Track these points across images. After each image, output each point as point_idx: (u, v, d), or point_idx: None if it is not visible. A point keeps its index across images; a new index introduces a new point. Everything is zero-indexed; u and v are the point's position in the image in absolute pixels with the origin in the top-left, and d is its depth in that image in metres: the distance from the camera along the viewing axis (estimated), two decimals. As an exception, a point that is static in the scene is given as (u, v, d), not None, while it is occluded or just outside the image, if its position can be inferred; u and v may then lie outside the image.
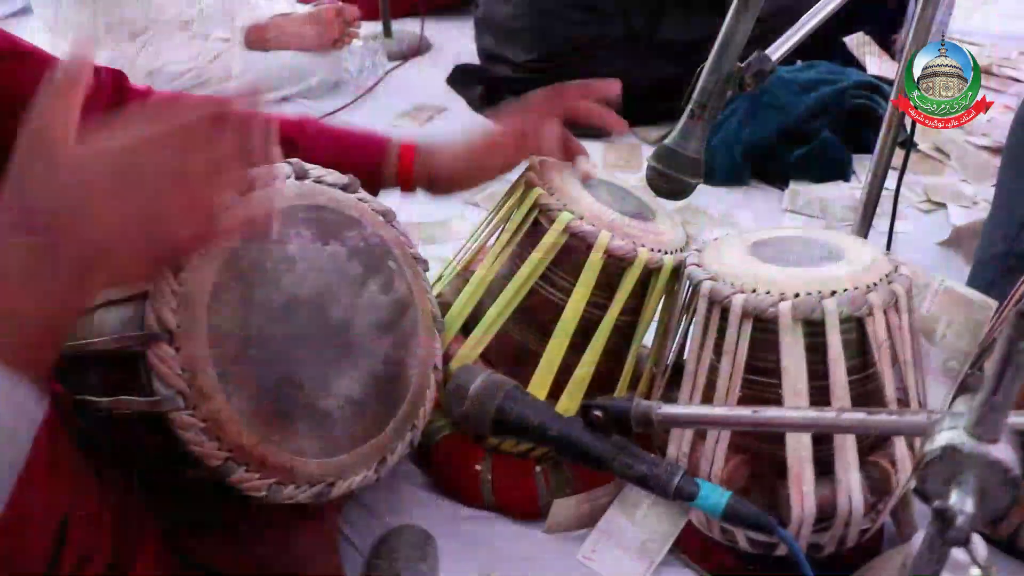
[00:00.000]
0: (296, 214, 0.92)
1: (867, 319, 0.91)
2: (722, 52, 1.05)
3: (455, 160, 1.15)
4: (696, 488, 0.79)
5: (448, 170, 1.15)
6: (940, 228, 1.88)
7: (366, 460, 0.96)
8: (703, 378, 0.99)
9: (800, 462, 0.93)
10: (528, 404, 0.87)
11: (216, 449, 0.84)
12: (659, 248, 1.04)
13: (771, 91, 2.01)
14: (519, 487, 1.16)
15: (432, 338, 1.03)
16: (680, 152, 1.07)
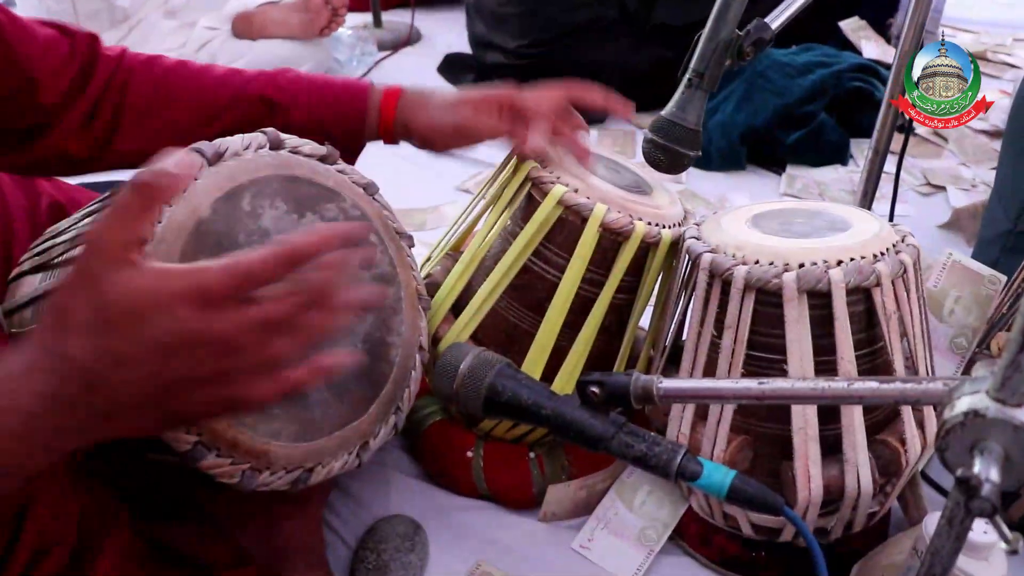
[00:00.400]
0: (271, 185, 0.87)
1: (875, 290, 0.87)
2: (720, 18, 1.01)
3: (438, 114, 1.07)
4: (699, 467, 0.75)
5: (428, 126, 1.07)
6: (940, 211, 1.86)
7: (347, 444, 0.91)
8: (704, 356, 0.94)
9: (806, 441, 0.88)
10: (521, 382, 0.82)
11: (184, 432, 0.79)
12: (657, 222, 1.00)
13: (767, 74, 1.98)
14: (512, 474, 1.12)
15: (417, 316, 0.99)
16: (678, 123, 1.03)
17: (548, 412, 0.80)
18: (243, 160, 0.86)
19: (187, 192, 0.81)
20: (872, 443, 0.91)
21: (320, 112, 1.05)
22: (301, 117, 1.04)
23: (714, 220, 0.98)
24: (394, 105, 1.07)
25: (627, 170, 1.10)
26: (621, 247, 0.99)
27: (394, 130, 1.08)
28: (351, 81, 1.10)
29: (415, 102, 1.08)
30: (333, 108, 1.03)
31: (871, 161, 1.37)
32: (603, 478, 1.09)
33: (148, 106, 1.01)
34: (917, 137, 2.11)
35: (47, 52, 0.97)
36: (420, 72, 2.54)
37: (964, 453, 0.57)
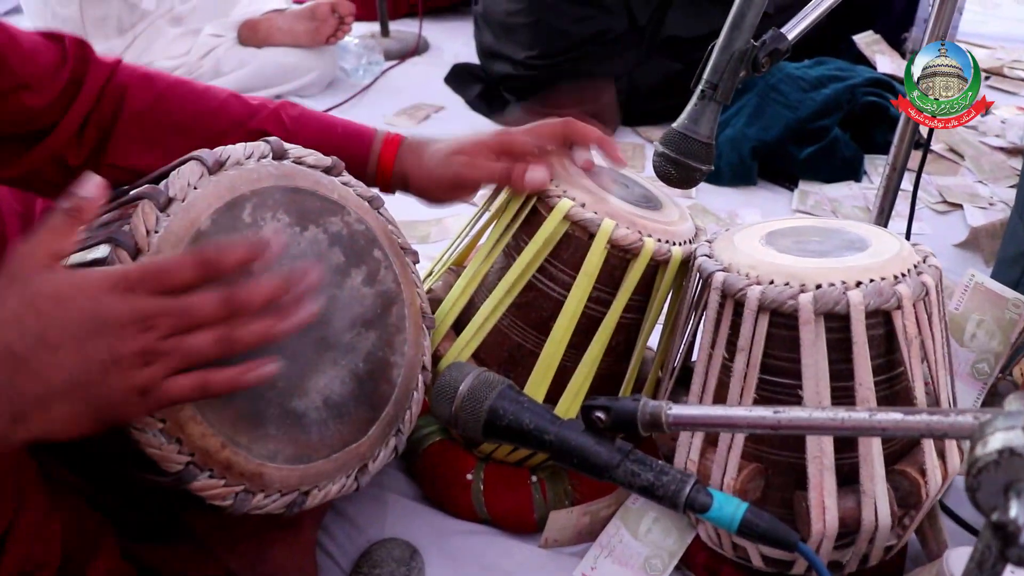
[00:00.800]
0: (273, 197, 0.84)
1: (895, 313, 0.83)
2: (735, 28, 0.98)
3: (438, 161, 1.04)
4: (709, 499, 0.71)
5: (424, 181, 1.05)
6: (956, 229, 1.82)
7: (345, 467, 0.88)
8: (714, 379, 0.90)
9: (821, 471, 0.84)
10: (523, 405, 0.79)
11: (176, 452, 0.77)
12: (667, 239, 0.96)
13: (779, 87, 1.94)
14: (513, 498, 1.08)
15: (421, 335, 0.96)
16: (690, 136, 0.99)
17: (551, 438, 0.76)
18: (245, 170, 0.84)
19: (186, 202, 0.79)
20: (890, 473, 0.87)
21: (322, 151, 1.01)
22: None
23: (726, 237, 0.95)
24: (393, 154, 1.05)
25: (636, 184, 1.07)
26: (630, 265, 0.95)
27: (392, 181, 1.06)
28: (355, 125, 1.08)
29: (413, 152, 1.05)
30: (335, 152, 1.00)
31: (888, 178, 1.33)
32: (607, 504, 1.05)
33: (144, 121, 0.98)
34: (933, 154, 2.08)
35: (35, 55, 0.94)
36: (427, 82, 2.52)
37: (998, 494, 0.53)
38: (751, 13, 0.98)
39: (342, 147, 1.02)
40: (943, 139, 2.12)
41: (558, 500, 1.08)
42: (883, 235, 0.93)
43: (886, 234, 0.94)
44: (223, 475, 0.80)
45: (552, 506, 1.07)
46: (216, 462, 0.79)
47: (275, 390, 0.82)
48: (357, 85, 2.46)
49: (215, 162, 0.82)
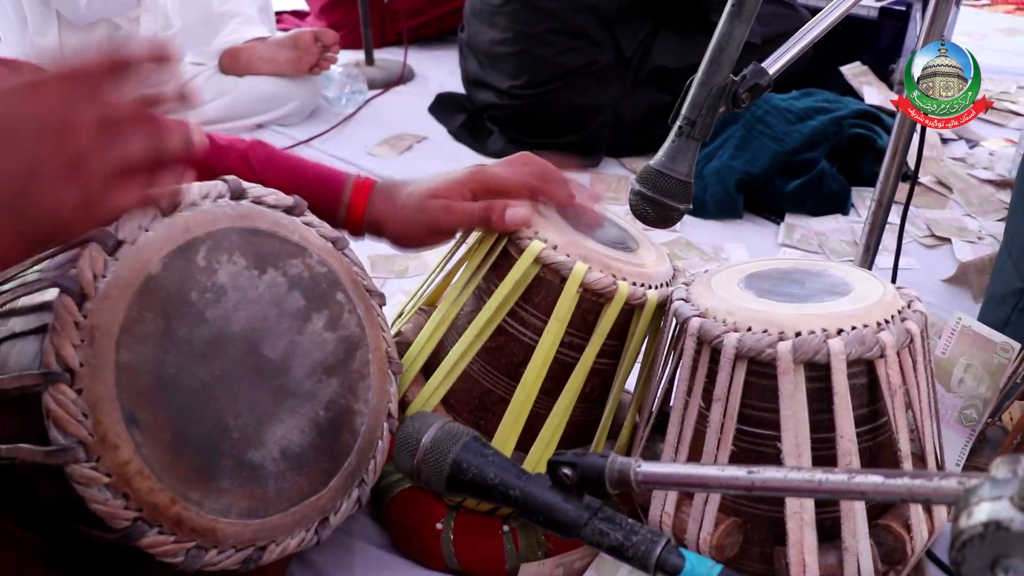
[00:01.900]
0: (229, 239, 0.81)
1: (878, 362, 0.80)
2: (714, 62, 0.95)
3: (407, 217, 1.02)
4: (681, 560, 0.67)
5: (397, 230, 1.04)
6: (945, 264, 1.79)
7: (304, 521, 0.85)
8: (691, 429, 0.87)
9: (801, 526, 0.81)
10: (488, 458, 0.75)
11: (123, 508, 0.74)
12: (642, 282, 0.93)
13: (765, 119, 1.92)
14: (484, 548, 1.04)
15: (386, 381, 0.92)
16: (668, 174, 0.96)
17: (516, 494, 0.72)
18: (200, 210, 0.81)
19: (136, 244, 0.76)
20: (874, 528, 0.84)
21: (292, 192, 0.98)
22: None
23: (704, 280, 0.92)
24: (364, 200, 1.03)
25: (613, 224, 1.04)
26: (603, 309, 0.92)
27: (362, 226, 1.04)
28: (326, 170, 1.06)
29: (386, 198, 1.03)
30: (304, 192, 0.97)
31: (874, 214, 1.31)
32: (581, 555, 1.01)
33: None
34: (921, 187, 2.06)
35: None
36: (411, 111, 2.50)
37: (984, 569, 0.50)
38: (730, 48, 0.95)
39: (313, 191, 1.00)
40: (931, 171, 2.10)
41: (531, 550, 1.04)
42: (867, 278, 0.90)
43: (870, 277, 0.91)
44: (173, 531, 0.76)
45: (524, 556, 1.03)
46: (166, 518, 0.75)
47: (229, 441, 0.79)
48: (340, 114, 2.43)
49: (169, 203, 0.79)
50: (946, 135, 2.31)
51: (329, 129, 2.34)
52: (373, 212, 1.03)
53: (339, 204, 1.03)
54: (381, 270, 1.67)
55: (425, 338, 1.00)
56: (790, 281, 0.90)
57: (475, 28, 2.26)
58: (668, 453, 0.90)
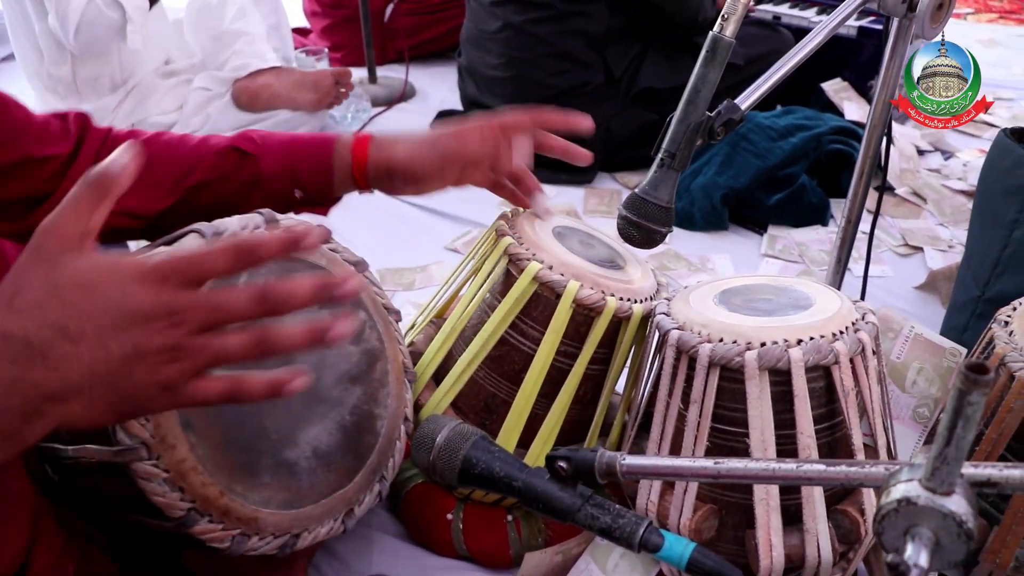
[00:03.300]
0: (267, 265, 0.91)
1: (833, 367, 0.91)
2: (691, 102, 1.06)
3: (418, 147, 1.07)
4: (660, 540, 0.79)
5: (409, 159, 1.07)
6: (917, 271, 1.90)
7: (332, 512, 0.95)
8: (671, 427, 0.99)
9: (768, 511, 0.92)
10: (494, 454, 0.86)
11: (179, 500, 0.84)
12: (629, 297, 1.05)
13: (749, 137, 2.03)
14: (491, 537, 1.15)
15: (403, 388, 1.03)
16: (650, 201, 1.07)
17: (519, 484, 0.84)
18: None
19: None
20: (832, 513, 0.95)
21: (289, 161, 1.08)
22: (271, 165, 1.08)
23: (683, 296, 1.03)
24: (366, 147, 1.08)
25: (601, 244, 1.15)
26: (594, 321, 1.04)
27: (369, 172, 1.08)
28: (319, 134, 1.13)
29: (389, 141, 1.09)
30: (301, 153, 1.08)
31: (844, 229, 1.42)
32: (578, 543, 1.12)
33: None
34: (897, 197, 2.17)
35: (45, 131, 1.04)
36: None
37: (899, 537, 0.61)
38: (705, 89, 1.06)
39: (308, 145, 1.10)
40: (908, 183, 2.21)
41: (532, 538, 1.15)
42: (828, 294, 1.01)
43: (830, 292, 1.02)
44: (221, 520, 0.86)
45: (526, 543, 1.14)
46: (215, 508, 0.86)
47: (269, 442, 0.89)
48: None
49: (213, 233, 0.90)
50: (923, 147, 2.42)
51: (335, 148, 2.44)
52: (379, 156, 1.08)
53: (334, 152, 1.09)
54: (390, 283, 1.79)
55: (436, 348, 1.11)
56: (759, 297, 1.01)
57: (471, 54, 2.36)
58: (652, 448, 1.01)
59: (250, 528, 0.89)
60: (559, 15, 2.17)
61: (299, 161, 1.09)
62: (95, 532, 0.96)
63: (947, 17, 1.17)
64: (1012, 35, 3.73)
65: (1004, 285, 1.34)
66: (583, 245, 1.12)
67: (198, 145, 1.10)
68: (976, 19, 4.21)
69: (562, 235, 1.11)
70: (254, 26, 2.47)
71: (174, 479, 0.83)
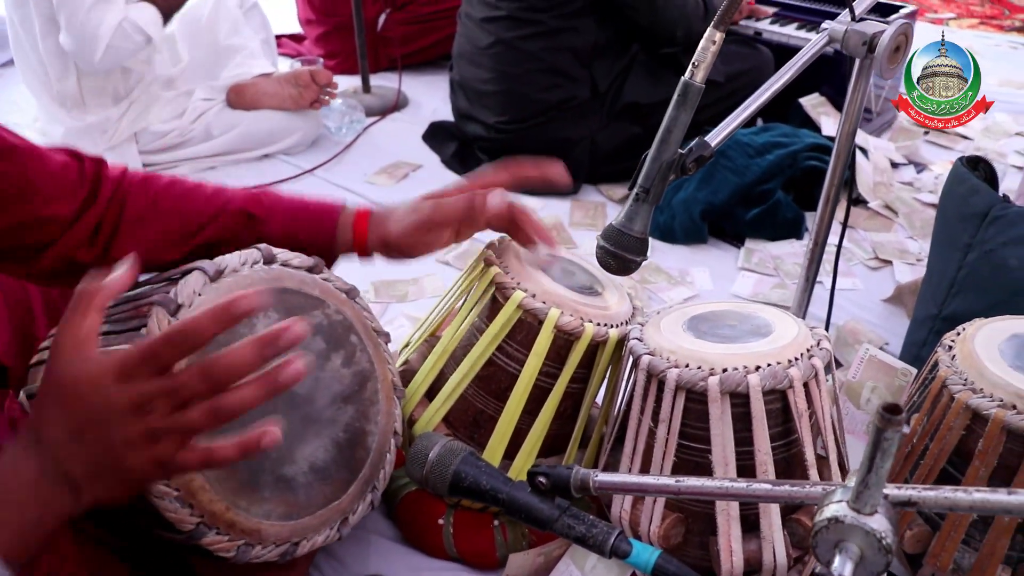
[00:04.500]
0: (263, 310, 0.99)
1: (788, 391, 1.01)
2: (664, 142, 1.13)
3: (406, 213, 1.17)
4: (629, 547, 0.88)
5: (400, 234, 1.16)
6: (885, 284, 1.98)
7: (329, 521, 1.04)
8: (643, 443, 1.08)
9: (728, 520, 1.02)
10: (481, 469, 0.95)
11: (189, 515, 0.92)
12: (605, 322, 1.14)
13: (728, 154, 2.11)
14: (479, 540, 1.25)
15: (392, 405, 1.11)
16: (626, 233, 1.14)
17: (503, 497, 0.93)
18: (240, 276, 0.99)
19: (192, 307, 0.94)
20: (787, 522, 1.04)
21: (293, 227, 1.15)
22: (276, 230, 1.14)
23: (655, 321, 1.12)
24: (366, 225, 1.17)
25: (582, 271, 1.24)
26: (573, 345, 1.13)
27: (369, 247, 1.18)
28: (325, 203, 1.20)
29: (382, 216, 1.18)
30: (305, 224, 1.15)
31: (812, 251, 1.50)
32: (559, 545, 1.22)
33: (142, 220, 1.12)
34: (869, 211, 2.25)
35: (60, 176, 1.08)
36: (406, 139, 2.67)
37: (830, 550, 0.70)
38: (677, 130, 1.13)
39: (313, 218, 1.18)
40: (881, 196, 2.29)
41: (517, 541, 1.24)
42: (787, 321, 1.10)
43: (789, 320, 1.11)
44: (227, 532, 0.95)
45: (512, 546, 1.24)
46: (221, 522, 0.94)
47: (269, 460, 0.98)
48: (340, 143, 2.61)
49: (215, 271, 0.97)
50: (897, 160, 2.50)
51: (331, 159, 2.53)
52: (376, 233, 1.17)
53: (337, 227, 1.17)
54: (384, 295, 1.87)
55: (428, 367, 1.20)
56: (724, 323, 1.10)
57: (463, 68, 2.44)
58: (625, 462, 1.10)
59: (253, 539, 0.97)
60: (549, 31, 2.24)
61: (302, 232, 1.16)
62: (111, 541, 1.04)
63: (904, 59, 1.26)
64: (989, 44, 3.80)
65: (958, 305, 1.43)
66: (564, 273, 1.20)
67: (211, 198, 1.15)
68: (958, 24, 4.26)
69: (545, 263, 1.20)
70: (249, 40, 2.59)
71: (184, 496, 0.92)
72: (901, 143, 2.61)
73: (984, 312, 1.20)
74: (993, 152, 2.62)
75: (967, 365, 1.05)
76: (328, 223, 1.18)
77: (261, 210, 1.16)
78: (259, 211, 1.16)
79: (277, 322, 0.98)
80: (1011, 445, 1.01)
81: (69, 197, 1.09)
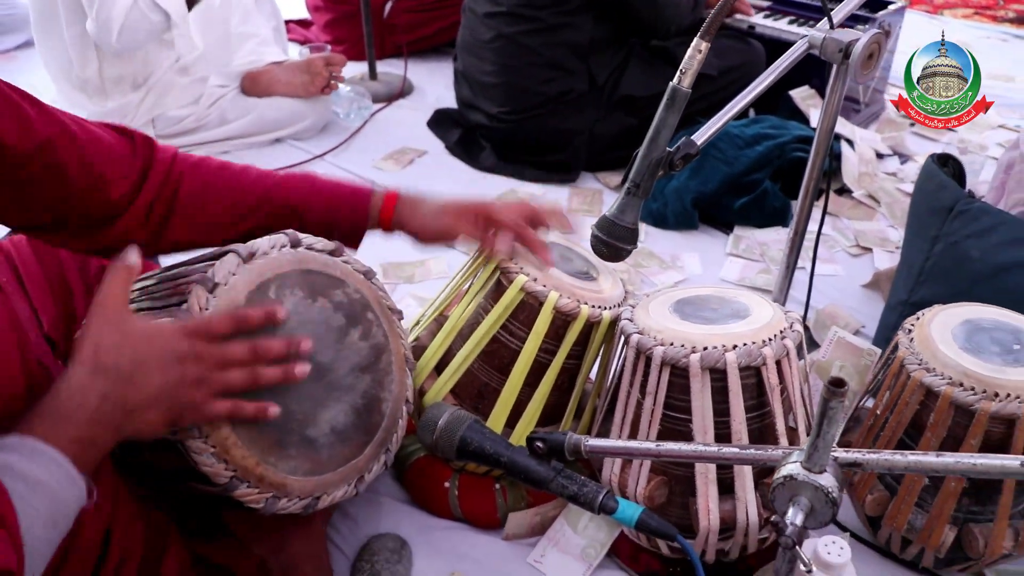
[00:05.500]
0: (291, 278, 1.09)
1: (762, 368, 1.12)
2: (652, 141, 1.22)
3: (430, 215, 1.30)
4: (615, 504, 0.98)
5: (419, 229, 1.31)
6: (865, 271, 2.08)
7: (347, 478, 1.14)
8: (632, 412, 1.19)
9: (706, 483, 1.14)
10: (485, 435, 1.06)
11: (224, 469, 1.02)
12: (600, 304, 1.25)
13: (718, 145, 2.21)
14: (482, 501, 1.37)
15: (405, 376, 1.21)
16: (618, 223, 1.24)
17: (505, 460, 1.03)
18: (269, 258, 1.09)
19: (227, 285, 1.04)
20: (759, 485, 1.16)
21: (331, 215, 1.26)
22: (315, 219, 1.25)
23: (644, 304, 1.24)
24: (392, 208, 1.29)
25: (579, 257, 1.35)
26: (570, 325, 1.24)
27: (391, 227, 1.31)
28: (358, 188, 1.31)
29: (408, 206, 1.30)
30: (342, 212, 1.26)
31: (792, 240, 1.61)
32: (554, 506, 1.34)
33: (195, 204, 1.21)
34: (853, 200, 2.35)
35: (112, 153, 1.15)
36: (411, 125, 2.76)
37: (785, 502, 0.82)
38: (665, 131, 1.23)
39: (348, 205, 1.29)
40: (865, 186, 2.39)
41: (516, 503, 1.36)
42: (763, 305, 1.22)
43: (766, 304, 1.22)
44: (257, 485, 1.05)
45: (512, 507, 1.36)
46: (252, 476, 1.04)
47: (295, 422, 1.07)
48: (349, 128, 2.71)
49: (248, 253, 1.07)
50: (882, 151, 2.60)
51: (339, 144, 2.63)
52: (399, 217, 1.31)
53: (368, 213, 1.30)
54: (392, 276, 1.98)
55: (438, 344, 1.32)
56: (707, 307, 1.21)
57: (466, 60, 2.54)
58: (615, 431, 1.22)
59: (280, 492, 1.07)
60: (548, 27, 2.34)
61: (339, 216, 1.27)
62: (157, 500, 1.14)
63: (876, 66, 1.36)
64: (980, 36, 3.86)
65: (925, 292, 1.54)
66: (563, 259, 1.32)
67: (257, 187, 1.24)
68: (952, 14, 4.30)
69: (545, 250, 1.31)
70: (261, 28, 2.68)
71: (219, 452, 1.01)
72: (887, 134, 2.69)
73: (948, 299, 1.30)
74: (976, 145, 2.71)
75: (923, 347, 1.17)
76: (361, 210, 1.30)
77: (302, 203, 1.26)
78: (300, 204, 1.26)
79: (303, 299, 1.09)
80: (958, 419, 1.13)
81: (127, 176, 1.16)
